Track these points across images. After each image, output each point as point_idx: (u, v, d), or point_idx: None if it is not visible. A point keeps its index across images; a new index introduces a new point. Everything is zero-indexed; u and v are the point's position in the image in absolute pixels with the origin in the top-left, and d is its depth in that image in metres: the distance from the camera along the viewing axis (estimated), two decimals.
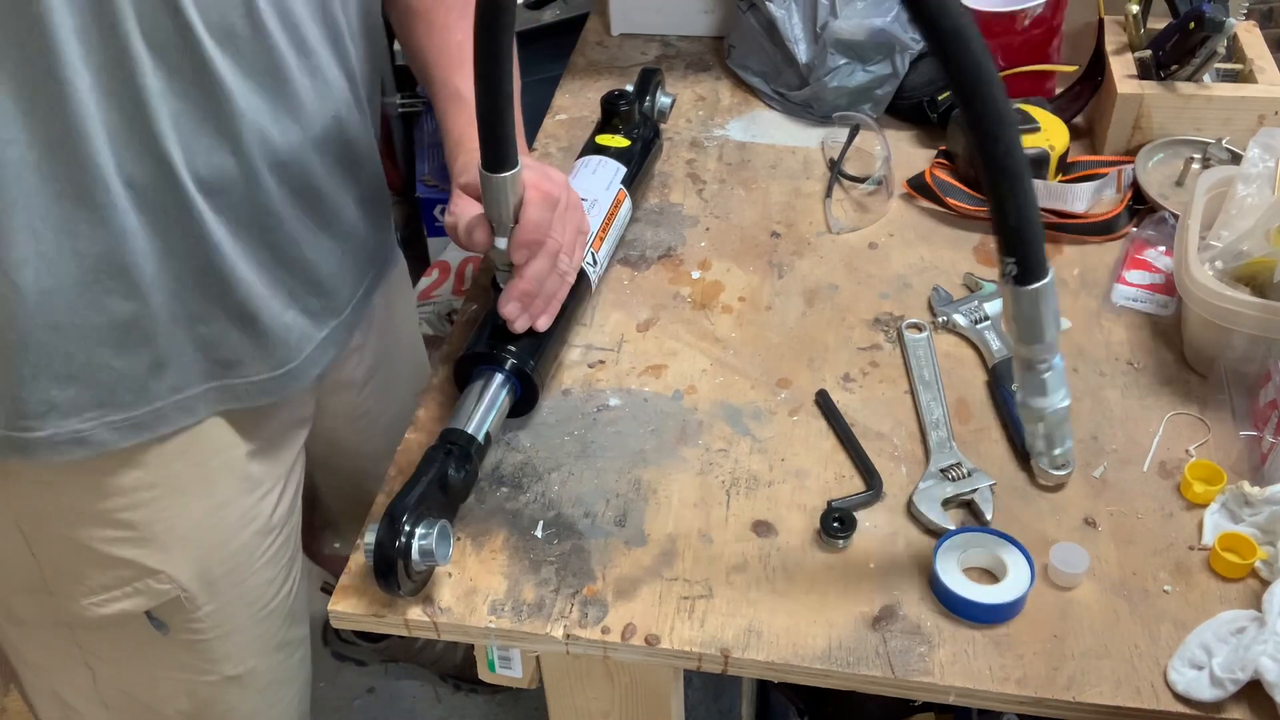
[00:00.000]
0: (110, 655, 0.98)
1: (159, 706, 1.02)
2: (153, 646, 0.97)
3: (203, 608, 0.95)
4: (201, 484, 0.92)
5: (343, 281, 0.96)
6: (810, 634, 0.78)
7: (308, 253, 0.90)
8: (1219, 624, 0.76)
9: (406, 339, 1.22)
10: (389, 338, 1.15)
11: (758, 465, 0.90)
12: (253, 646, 1.01)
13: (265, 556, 0.99)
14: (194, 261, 0.82)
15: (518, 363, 0.89)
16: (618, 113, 1.13)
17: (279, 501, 1.00)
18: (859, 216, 1.15)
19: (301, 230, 0.89)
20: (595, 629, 0.79)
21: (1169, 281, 1.03)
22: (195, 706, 1.02)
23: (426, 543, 0.76)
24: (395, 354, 1.17)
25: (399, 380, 1.18)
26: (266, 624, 1.02)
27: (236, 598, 0.98)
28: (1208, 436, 0.91)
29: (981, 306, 1.01)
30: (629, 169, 1.09)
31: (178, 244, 0.81)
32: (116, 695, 1.01)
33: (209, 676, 1.00)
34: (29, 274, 0.76)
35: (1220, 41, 1.10)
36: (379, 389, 1.14)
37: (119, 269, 0.79)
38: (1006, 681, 0.75)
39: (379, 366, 1.13)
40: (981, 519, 0.85)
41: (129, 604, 0.93)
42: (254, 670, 1.02)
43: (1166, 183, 1.12)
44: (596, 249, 1.01)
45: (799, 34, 1.25)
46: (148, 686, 1.00)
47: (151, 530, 0.90)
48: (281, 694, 1.08)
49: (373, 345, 1.11)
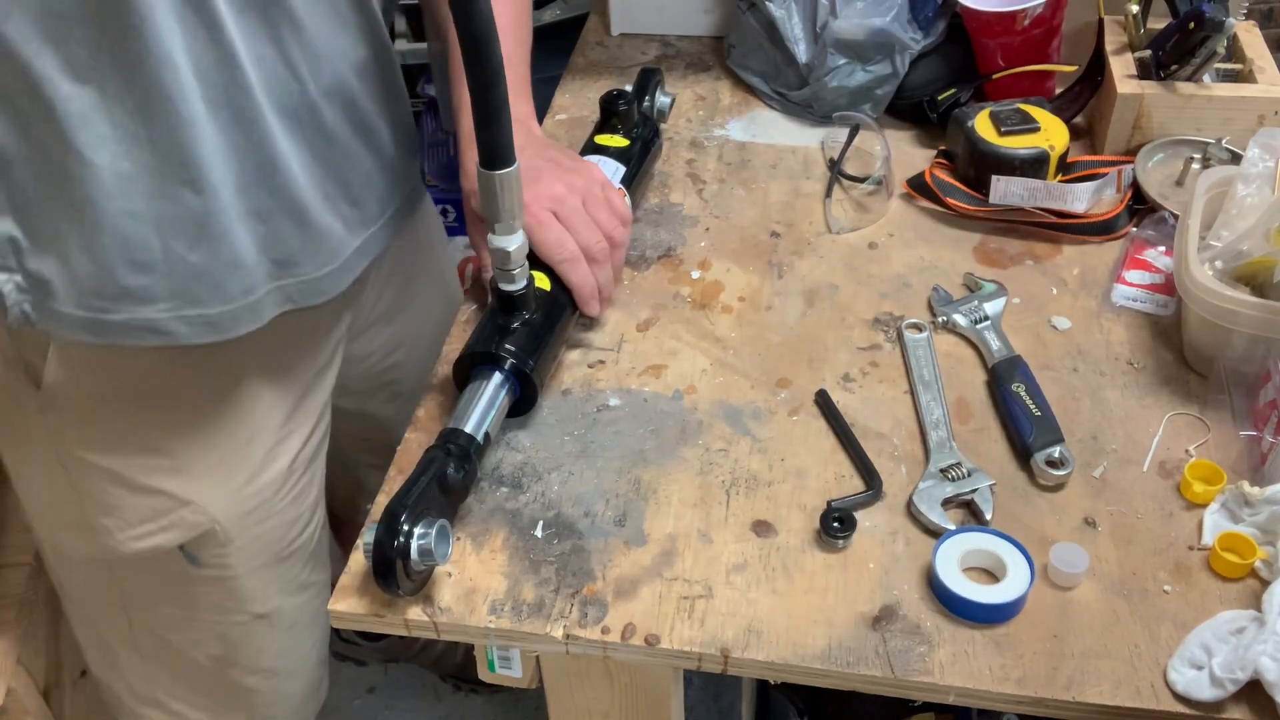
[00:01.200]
0: (145, 597, 1.02)
1: (190, 650, 1.06)
2: (185, 585, 1.01)
3: (233, 541, 0.99)
4: (233, 415, 0.96)
5: (374, 195, 1.00)
6: (810, 634, 0.78)
7: (346, 159, 0.94)
8: (1219, 624, 0.76)
9: (433, 289, 1.24)
10: (413, 281, 1.17)
11: (757, 465, 0.90)
12: (277, 585, 1.05)
13: (290, 495, 1.03)
14: (255, 156, 0.85)
15: (517, 363, 0.89)
16: (616, 112, 1.13)
17: (305, 442, 1.04)
18: (859, 216, 1.15)
19: (342, 137, 0.93)
20: (595, 629, 0.79)
21: (1169, 281, 1.03)
22: (225, 649, 1.06)
23: (425, 542, 0.76)
24: (420, 299, 1.20)
25: (423, 328, 1.21)
26: (290, 564, 1.06)
27: (263, 534, 1.01)
28: (1208, 436, 0.91)
29: (981, 306, 1.01)
30: (628, 168, 1.09)
31: (241, 139, 0.84)
32: (150, 640, 1.06)
33: (238, 616, 1.04)
34: (105, 155, 0.78)
35: (1220, 41, 1.10)
36: (404, 333, 1.17)
37: (189, 160, 0.81)
38: (1006, 681, 0.75)
39: (404, 306, 1.16)
40: (981, 519, 0.85)
41: (164, 538, 0.97)
42: (280, 610, 1.07)
43: (1166, 183, 1.12)
44: None
45: (799, 34, 1.25)
46: (180, 629, 1.04)
47: (187, 459, 0.95)
48: (305, 636, 1.12)
49: (398, 283, 1.14)
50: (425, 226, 1.21)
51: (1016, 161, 1.08)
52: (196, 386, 0.93)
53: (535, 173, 0.96)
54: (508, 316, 0.91)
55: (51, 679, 1.36)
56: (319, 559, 1.10)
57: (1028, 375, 0.94)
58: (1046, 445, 0.88)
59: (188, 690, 1.10)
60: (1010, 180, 1.08)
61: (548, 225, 0.95)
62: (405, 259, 1.15)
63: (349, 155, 0.95)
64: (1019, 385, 0.93)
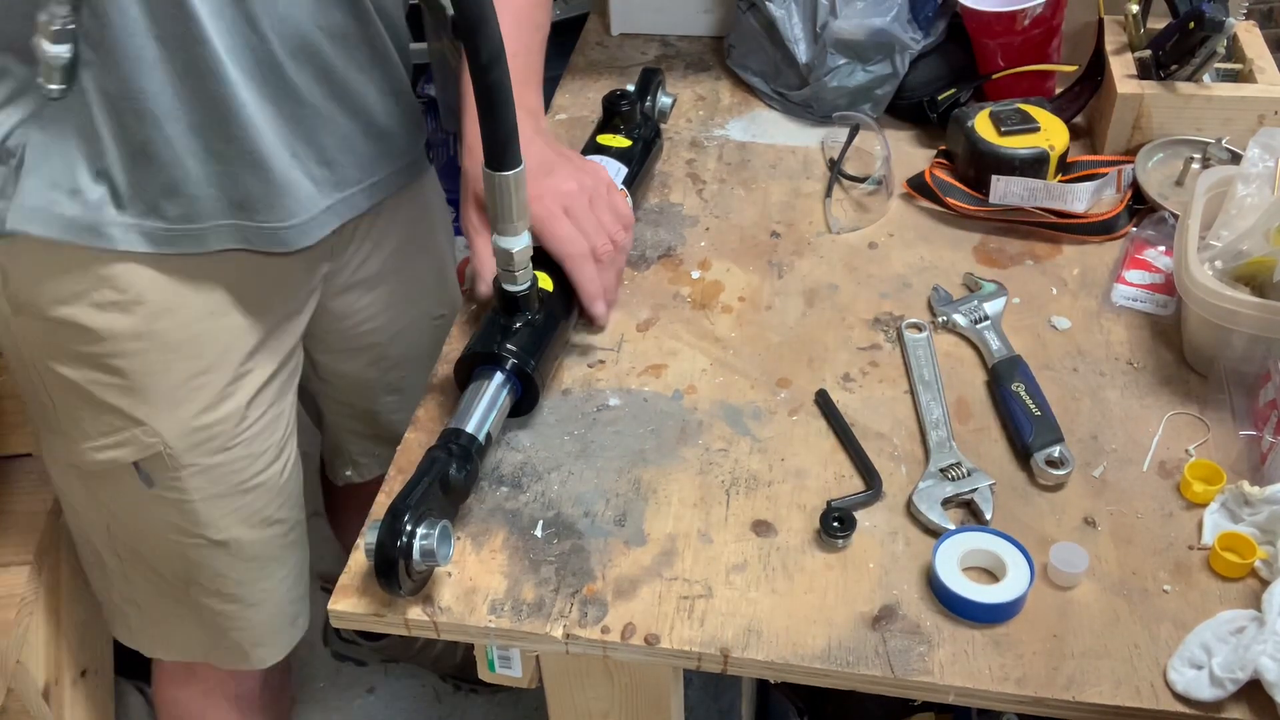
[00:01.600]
0: (114, 506, 1.07)
1: (158, 565, 1.10)
2: (144, 501, 1.04)
3: (186, 468, 1.02)
4: (189, 345, 0.99)
5: (352, 160, 1.02)
6: (810, 633, 0.78)
7: (318, 120, 0.96)
8: (1218, 624, 0.76)
9: (426, 260, 1.25)
10: (405, 251, 1.19)
11: (757, 465, 0.90)
12: (236, 516, 1.08)
13: (250, 430, 1.05)
14: (209, 101, 0.89)
15: (518, 363, 0.89)
16: (619, 112, 1.13)
17: (268, 381, 1.06)
18: (859, 216, 1.15)
19: (311, 98, 0.95)
20: (595, 629, 0.79)
21: (1169, 281, 1.03)
22: (187, 568, 1.09)
23: (428, 543, 0.76)
24: (410, 269, 1.21)
25: (412, 298, 1.22)
26: (253, 497, 1.08)
27: (220, 464, 1.04)
28: (1207, 436, 0.91)
29: (981, 306, 1.01)
30: (630, 169, 1.09)
31: (196, 84, 0.88)
32: (125, 550, 1.10)
33: (195, 539, 1.07)
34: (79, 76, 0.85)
35: (1220, 41, 1.10)
36: (389, 299, 1.19)
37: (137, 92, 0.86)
38: (1006, 681, 0.75)
39: (390, 274, 1.17)
40: (981, 519, 0.85)
41: (118, 453, 1.01)
42: (239, 540, 1.09)
43: (1166, 182, 1.12)
44: None
45: (799, 34, 1.25)
46: (147, 542, 1.08)
47: (140, 381, 0.98)
48: (271, 570, 1.14)
49: (387, 249, 1.16)
50: (425, 202, 1.22)
51: (1016, 161, 1.08)
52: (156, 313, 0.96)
53: (549, 166, 0.96)
54: (510, 317, 0.91)
55: (51, 679, 1.37)
56: (288, 497, 1.13)
57: (1028, 375, 0.94)
58: (1046, 445, 0.88)
59: (158, 598, 1.14)
60: (1010, 180, 1.08)
61: (560, 220, 0.95)
62: (397, 229, 1.16)
63: (321, 116, 0.97)
64: (1019, 385, 0.93)
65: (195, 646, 1.17)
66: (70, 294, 0.94)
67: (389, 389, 1.26)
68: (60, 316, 0.95)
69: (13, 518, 1.36)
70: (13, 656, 1.26)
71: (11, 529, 1.35)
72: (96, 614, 1.50)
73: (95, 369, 0.97)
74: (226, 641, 1.16)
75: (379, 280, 1.17)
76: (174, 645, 1.18)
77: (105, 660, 1.54)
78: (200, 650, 1.18)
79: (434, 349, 1.11)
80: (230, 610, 1.13)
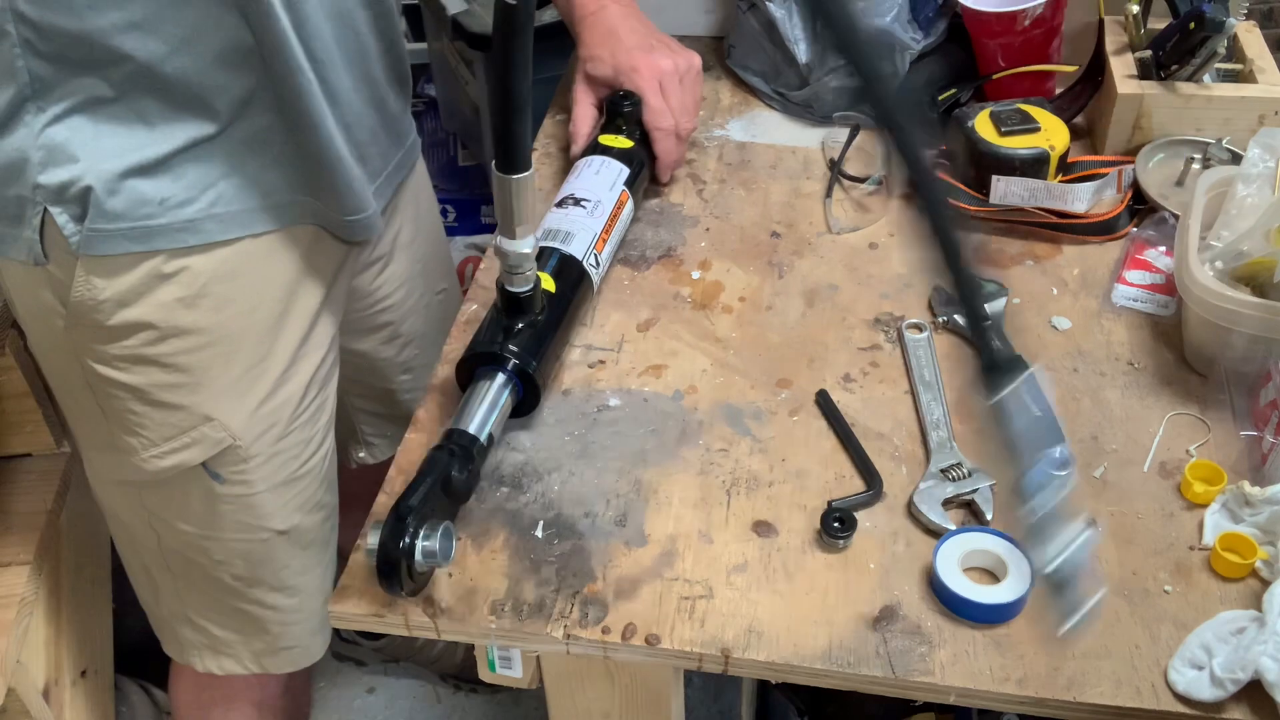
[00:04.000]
0: (171, 517, 1.06)
1: (215, 570, 1.09)
2: (209, 503, 1.04)
3: (254, 458, 1.03)
4: (250, 334, 1.00)
5: (379, 151, 1.05)
6: (810, 634, 0.78)
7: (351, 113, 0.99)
8: (1219, 624, 0.76)
9: (428, 235, 1.27)
10: (411, 227, 1.21)
11: (758, 465, 0.90)
12: (296, 502, 1.09)
13: (305, 415, 1.07)
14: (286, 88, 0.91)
15: (520, 363, 0.89)
16: (621, 113, 1.13)
17: (318, 366, 1.07)
18: (859, 216, 1.15)
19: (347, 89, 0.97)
20: (595, 629, 0.79)
21: (1169, 281, 1.03)
22: (250, 567, 1.09)
23: (430, 544, 0.76)
24: (417, 246, 1.23)
25: (420, 273, 1.24)
26: (306, 482, 1.09)
27: (280, 451, 1.05)
28: (1208, 436, 0.91)
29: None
30: (632, 170, 1.09)
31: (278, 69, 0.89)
32: (178, 559, 1.10)
33: (260, 534, 1.08)
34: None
35: (1220, 41, 1.10)
36: (402, 276, 1.21)
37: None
38: (1007, 682, 0.75)
39: (401, 250, 1.20)
40: (982, 519, 0.85)
41: (186, 455, 1.01)
42: (299, 527, 1.10)
43: (1167, 183, 1.12)
44: (599, 250, 1.01)
45: (799, 34, 1.25)
46: (204, 549, 1.08)
47: (204, 376, 0.98)
48: (322, 556, 1.16)
49: (396, 226, 1.18)
50: (423, 179, 1.25)
51: (1017, 161, 1.08)
52: (219, 305, 0.97)
53: (648, 45, 1.13)
54: (513, 318, 0.91)
55: (51, 679, 1.37)
56: (330, 481, 1.15)
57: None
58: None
59: (214, 610, 1.13)
60: (1010, 180, 1.08)
61: (655, 93, 1.10)
62: (404, 206, 1.19)
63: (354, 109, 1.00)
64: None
65: (249, 657, 1.17)
66: (134, 296, 0.94)
67: (402, 368, 1.28)
68: (121, 321, 0.94)
69: (13, 518, 1.36)
70: (13, 656, 1.26)
71: (11, 529, 1.35)
72: (96, 614, 1.51)
73: (158, 369, 0.97)
74: (284, 640, 1.16)
75: (391, 257, 1.19)
76: (226, 655, 1.17)
77: (105, 660, 1.54)
78: (254, 660, 1.17)
79: (439, 325, 1.18)
80: (290, 605, 1.14)
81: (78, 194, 0.88)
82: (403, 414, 1.29)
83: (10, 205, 0.90)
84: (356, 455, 1.38)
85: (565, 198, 1.04)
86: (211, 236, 0.94)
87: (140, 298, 0.93)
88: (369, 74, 1.00)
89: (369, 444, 1.37)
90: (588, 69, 1.14)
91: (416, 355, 1.27)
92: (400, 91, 1.08)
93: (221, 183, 0.93)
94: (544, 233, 1.01)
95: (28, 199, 0.89)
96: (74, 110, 0.86)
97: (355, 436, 1.36)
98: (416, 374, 1.28)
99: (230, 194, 0.93)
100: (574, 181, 1.06)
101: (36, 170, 0.87)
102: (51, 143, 0.87)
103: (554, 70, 1.39)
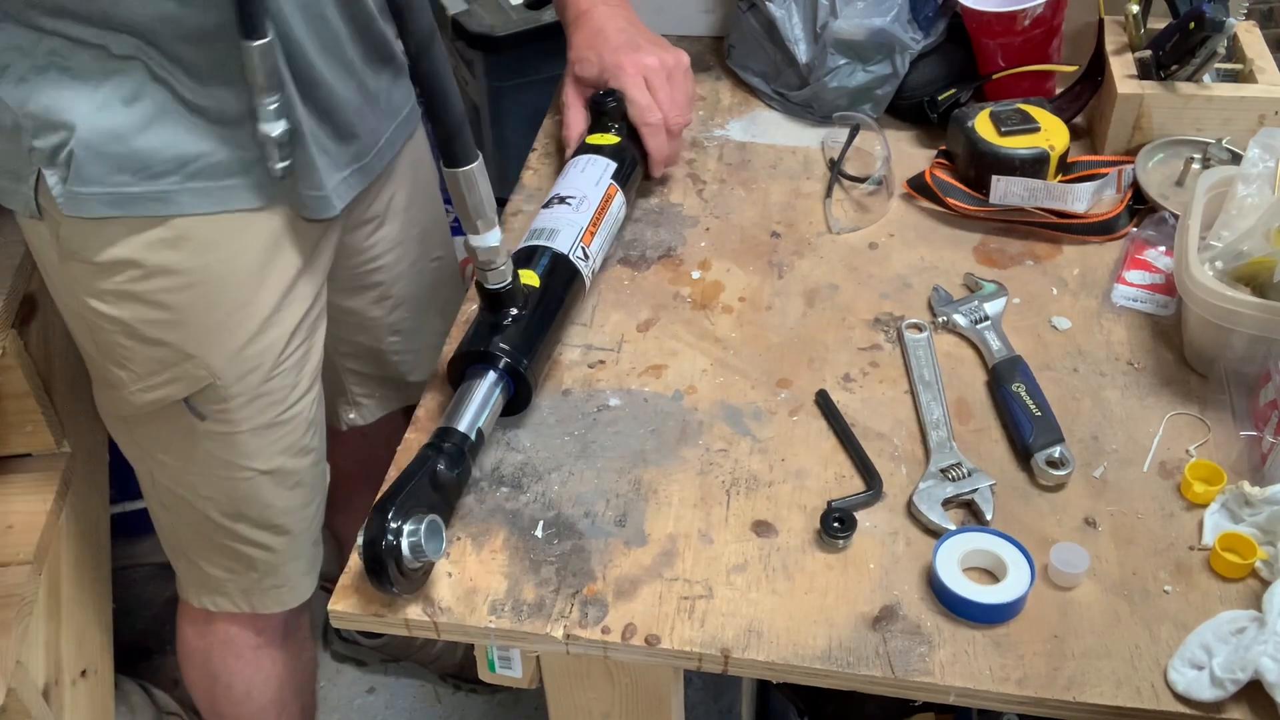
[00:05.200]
0: (160, 452, 1.10)
1: (202, 506, 1.12)
2: (193, 440, 1.07)
3: (235, 398, 1.05)
4: (234, 278, 1.01)
5: (368, 128, 1.06)
6: (810, 634, 0.78)
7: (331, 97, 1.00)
8: (1219, 624, 0.76)
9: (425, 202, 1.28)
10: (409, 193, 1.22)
11: (758, 465, 0.90)
12: (280, 444, 1.11)
13: (289, 361, 1.08)
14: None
15: (511, 361, 0.89)
16: (605, 111, 1.13)
17: (305, 313, 1.09)
18: (859, 216, 1.15)
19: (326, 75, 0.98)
20: (595, 629, 0.79)
21: (1169, 281, 1.03)
22: (235, 503, 1.12)
23: (415, 538, 0.76)
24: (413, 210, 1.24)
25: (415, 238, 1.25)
26: (291, 426, 1.11)
27: (264, 393, 1.07)
28: (1208, 436, 0.91)
29: (981, 307, 1.01)
30: (619, 165, 1.09)
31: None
32: (169, 496, 1.14)
33: (244, 472, 1.10)
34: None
35: (1220, 41, 1.10)
36: (396, 238, 1.22)
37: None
38: (1007, 682, 0.75)
39: (397, 213, 1.21)
40: (982, 519, 0.85)
41: (169, 390, 1.04)
42: (283, 469, 1.12)
43: (1166, 183, 1.12)
44: (588, 244, 1.01)
45: (799, 34, 1.25)
46: (192, 485, 1.11)
47: (188, 315, 1.01)
48: (309, 497, 1.18)
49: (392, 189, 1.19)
50: (424, 149, 1.26)
51: (1017, 161, 1.08)
52: (203, 249, 0.99)
53: (634, 43, 1.13)
54: (496, 314, 0.91)
55: (51, 679, 1.36)
56: (318, 426, 1.17)
57: (1028, 375, 0.94)
58: (1047, 445, 0.88)
59: (204, 547, 1.16)
60: (1010, 180, 1.08)
61: (641, 90, 1.11)
62: (403, 169, 1.20)
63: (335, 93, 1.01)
64: (1019, 385, 0.93)
65: (239, 594, 1.20)
66: (121, 237, 0.97)
67: (391, 329, 1.29)
68: (109, 257, 0.97)
69: (13, 518, 1.35)
70: (13, 656, 1.26)
71: (11, 529, 1.34)
72: (96, 614, 1.51)
73: (143, 305, 1.00)
74: (272, 579, 1.19)
75: (386, 218, 1.20)
76: (218, 593, 1.21)
77: (105, 660, 1.54)
78: (244, 598, 1.21)
79: (433, 291, 1.22)
80: (277, 544, 1.16)
81: (65, 158, 0.92)
82: (391, 375, 1.32)
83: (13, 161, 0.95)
84: (346, 416, 1.39)
85: (551, 199, 1.05)
86: (185, 209, 0.96)
87: (124, 238, 0.97)
88: (344, 59, 1.01)
89: (358, 404, 1.38)
90: (576, 70, 1.15)
91: (406, 318, 1.29)
92: (382, 69, 1.09)
93: (201, 159, 0.95)
94: (530, 233, 1.01)
95: (24, 159, 0.94)
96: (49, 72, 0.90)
97: (345, 396, 1.37)
98: (405, 336, 1.30)
99: (207, 169, 0.95)
100: (560, 182, 1.07)
101: (29, 135, 0.92)
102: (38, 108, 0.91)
103: (554, 70, 1.39)
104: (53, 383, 1.34)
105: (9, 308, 1.25)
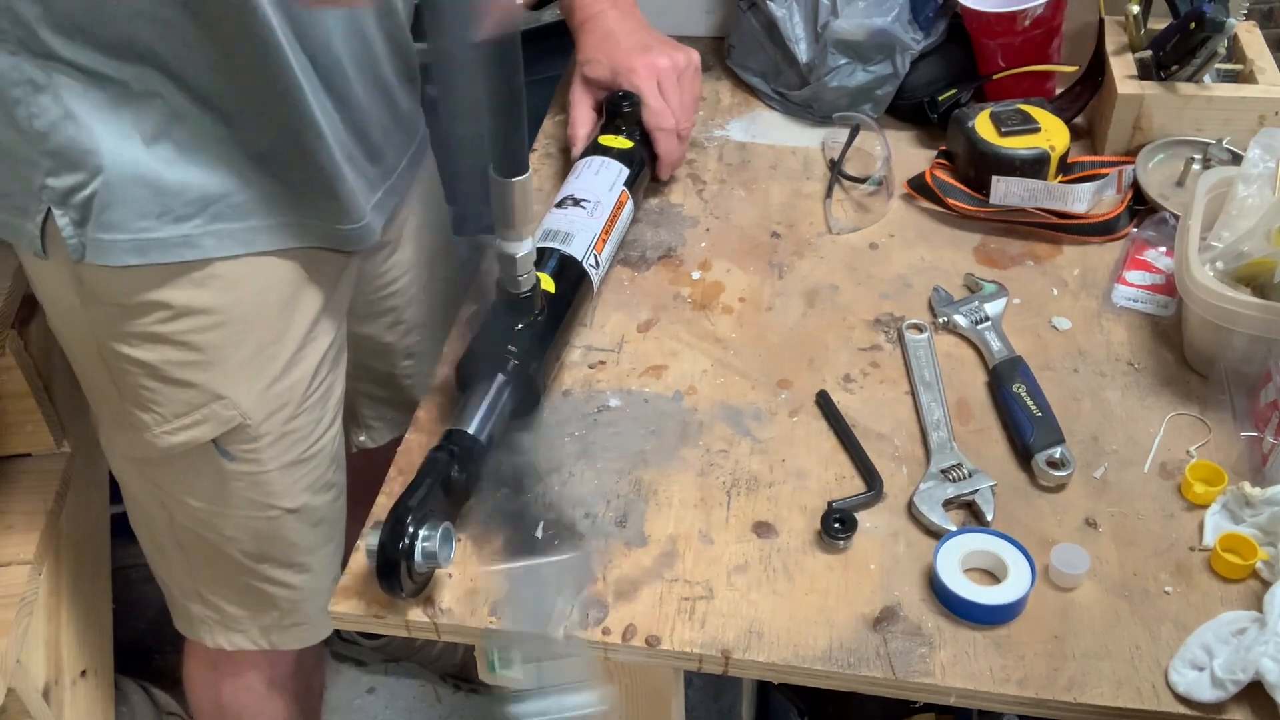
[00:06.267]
0: (182, 494, 1.07)
1: (225, 547, 1.10)
2: (219, 480, 1.05)
3: (264, 437, 1.03)
4: (261, 316, 1.00)
5: (393, 149, 1.06)
6: (811, 635, 0.78)
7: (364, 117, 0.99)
8: (1220, 625, 0.76)
9: (435, 223, 1.28)
10: (420, 215, 1.21)
11: (758, 466, 0.90)
12: (305, 482, 1.10)
13: (315, 396, 1.07)
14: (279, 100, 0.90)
15: (520, 365, 0.89)
16: (621, 114, 1.13)
17: (328, 348, 1.08)
18: (859, 217, 1.15)
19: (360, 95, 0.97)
20: (595, 630, 0.79)
21: (1169, 282, 1.03)
22: (258, 544, 1.10)
23: (430, 545, 0.76)
24: (424, 233, 1.23)
25: (426, 260, 1.24)
26: (315, 462, 1.10)
27: (290, 430, 1.06)
28: (1208, 437, 0.91)
29: (982, 307, 1.01)
30: (631, 170, 1.09)
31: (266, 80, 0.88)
32: (189, 536, 1.11)
33: (271, 511, 1.08)
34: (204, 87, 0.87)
35: (1220, 42, 1.10)
36: (410, 262, 1.21)
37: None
38: (1007, 682, 0.75)
39: (409, 237, 1.20)
40: (982, 520, 0.85)
41: (198, 431, 1.01)
42: (308, 506, 1.11)
43: (1167, 183, 1.12)
44: (599, 251, 1.01)
45: (799, 34, 1.25)
46: (215, 526, 1.09)
47: (216, 355, 0.99)
48: (331, 534, 1.16)
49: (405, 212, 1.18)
50: (433, 169, 1.25)
51: (1017, 162, 1.08)
52: (230, 287, 0.97)
53: (645, 45, 1.14)
54: (512, 319, 0.91)
55: (51, 679, 1.36)
56: (339, 461, 1.16)
57: (1028, 376, 0.94)
58: (1047, 446, 0.88)
59: (225, 586, 1.15)
60: (1011, 181, 1.08)
61: (655, 93, 1.12)
62: (415, 192, 1.19)
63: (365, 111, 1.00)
64: (1020, 386, 0.93)
65: (258, 633, 1.19)
66: (148, 278, 0.95)
67: (405, 353, 1.29)
68: (137, 300, 0.95)
69: (13, 518, 1.35)
70: (13, 656, 1.26)
71: (11, 529, 1.34)
72: (96, 614, 1.50)
73: (171, 347, 0.98)
74: (293, 617, 1.17)
75: (401, 243, 1.19)
76: (235, 630, 1.19)
77: (105, 660, 1.54)
78: (263, 635, 1.19)
79: (442, 313, 1.19)
80: (299, 582, 1.15)
81: (82, 200, 0.89)
82: (403, 399, 1.31)
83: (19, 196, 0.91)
84: (357, 439, 1.39)
85: (565, 198, 1.04)
86: (209, 253, 0.94)
87: (152, 279, 0.94)
88: (379, 76, 1.00)
89: (369, 427, 1.37)
90: (585, 71, 1.15)
91: (419, 342, 1.28)
92: (411, 89, 1.09)
93: (223, 200, 0.92)
94: (543, 233, 1.00)
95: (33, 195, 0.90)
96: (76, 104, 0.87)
97: (356, 419, 1.37)
98: (418, 360, 1.29)
99: (229, 211, 0.93)
100: (574, 182, 1.06)
101: (42, 173, 0.88)
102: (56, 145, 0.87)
103: (554, 70, 1.39)
104: (53, 383, 1.34)
105: (9, 308, 1.25)
